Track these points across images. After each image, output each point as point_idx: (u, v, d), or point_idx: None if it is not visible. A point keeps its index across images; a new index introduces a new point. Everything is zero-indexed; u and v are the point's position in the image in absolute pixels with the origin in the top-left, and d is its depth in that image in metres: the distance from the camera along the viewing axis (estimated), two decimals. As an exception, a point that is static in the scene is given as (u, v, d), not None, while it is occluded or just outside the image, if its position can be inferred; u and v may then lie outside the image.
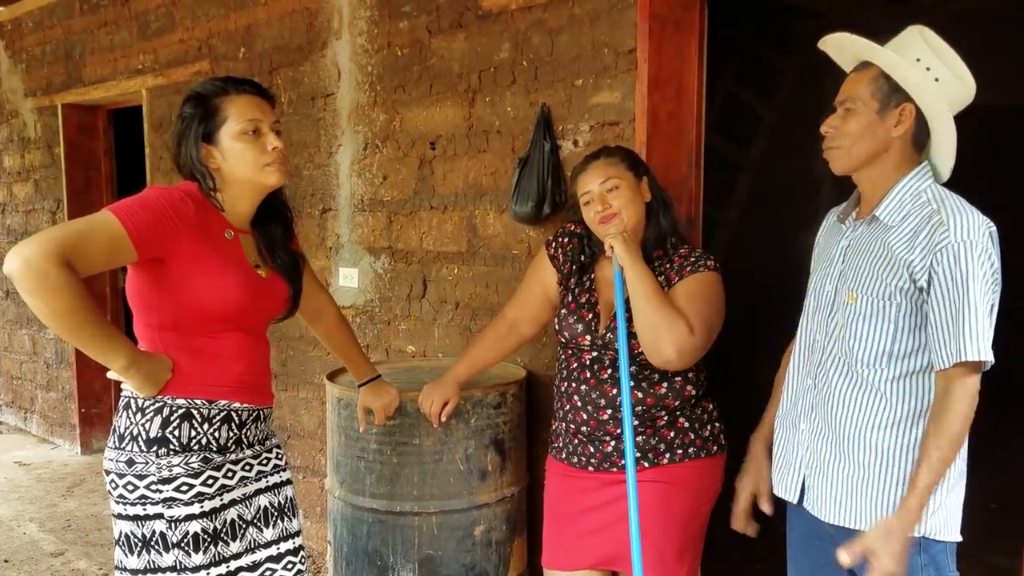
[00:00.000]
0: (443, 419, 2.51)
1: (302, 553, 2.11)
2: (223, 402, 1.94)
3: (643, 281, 2.13)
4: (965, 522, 1.77)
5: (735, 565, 3.45)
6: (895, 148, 1.78)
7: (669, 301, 2.14)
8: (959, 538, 1.77)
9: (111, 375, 1.87)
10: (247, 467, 2.01)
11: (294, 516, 2.12)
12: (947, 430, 1.65)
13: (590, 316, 2.29)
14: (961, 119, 1.80)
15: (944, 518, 1.74)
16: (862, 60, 1.82)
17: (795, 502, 1.93)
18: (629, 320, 2.17)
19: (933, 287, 1.66)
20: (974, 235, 1.64)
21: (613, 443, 2.25)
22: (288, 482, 2.13)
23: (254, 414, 2.02)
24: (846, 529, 1.81)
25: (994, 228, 1.69)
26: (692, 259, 2.25)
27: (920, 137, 1.78)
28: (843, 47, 1.86)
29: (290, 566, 2.07)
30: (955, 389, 1.65)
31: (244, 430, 1.99)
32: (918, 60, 1.75)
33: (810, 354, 1.92)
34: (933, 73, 1.74)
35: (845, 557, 1.71)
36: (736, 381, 3.62)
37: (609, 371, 2.24)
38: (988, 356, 1.62)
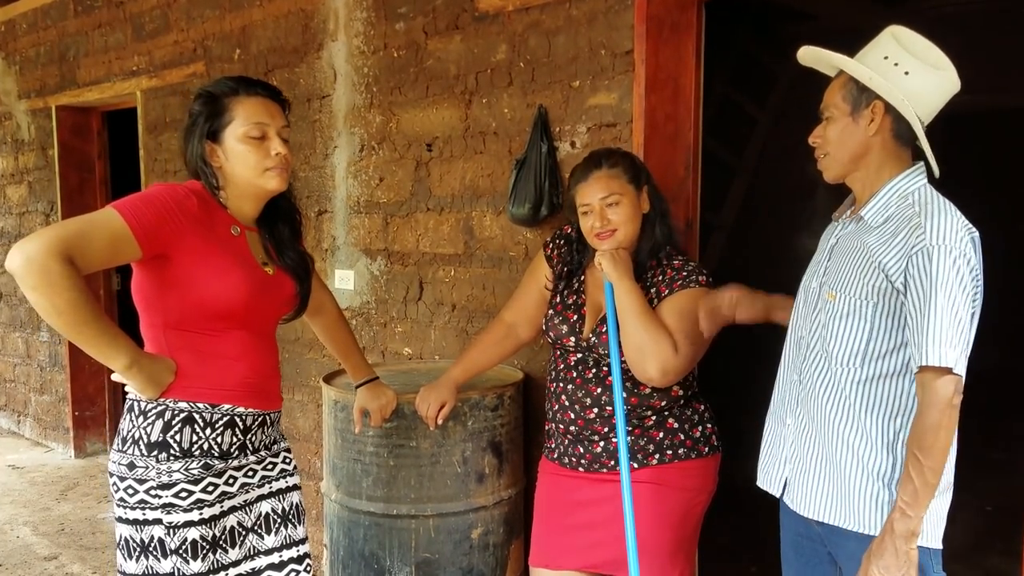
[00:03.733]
0: (439, 422, 2.50)
1: (307, 562, 2.07)
2: (227, 406, 1.91)
3: (631, 299, 2.12)
4: (962, 526, 1.77)
5: (733, 567, 3.45)
6: (876, 147, 1.78)
7: (656, 320, 2.13)
8: (939, 545, 1.76)
9: (115, 377, 1.85)
10: (250, 473, 1.98)
11: (299, 523, 2.08)
12: (919, 441, 1.63)
13: (575, 318, 2.29)
14: (955, 123, 1.80)
15: (927, 525, 1.72)
16: (838, 68, 1.85)
17: (778, 495, 1.95)
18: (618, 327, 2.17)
19: (908, 289, 1.65)
20: (950, 240, 1.62)
21: (602, 443, 2.25)
22: (295, 488, 2.09)
23: (259, 419, 1.99)
24: (835, 528, 1.82)
25: (976, 234, 1.68)
26: (684, 273, 2.23)
27: (901, 131, 1.78)
28: (819, 59, 1.89)
29: (293, 574, 2.03)
30: (925, 397, 1.62)
31: (249, 435, 1.96)
32: (885, 58, 1.76)
33: (797, 350, 1.93)
34: (901, 68, 1.74)
35: None
36: (730, 383, 3.62)
37: (594, 371, 2.24)
38: (950, 362, 1.58)
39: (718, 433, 2.34)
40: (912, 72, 1.74)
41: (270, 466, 2.04)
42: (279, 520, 2.04)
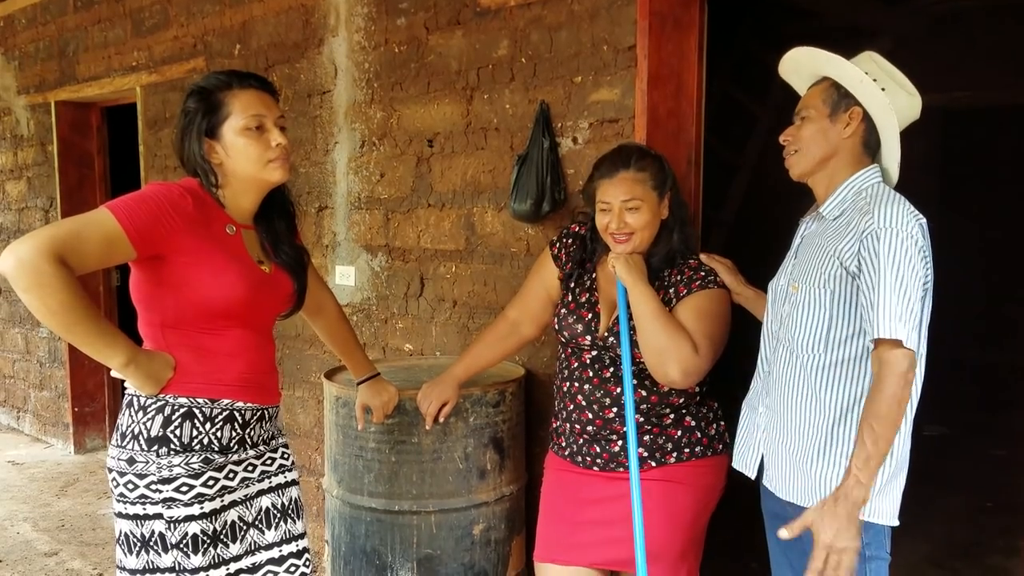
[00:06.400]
0: (440, 420, 2.50)
1: (306, 556, 2.08)
2: (226, 401, 1.91)
3: (646, 302, 2.11)
4: (963, 523, 1.80)
5: (734, 563, 3.45)
6: (845, 150, 1.90)
7: (674, 321, 2.12)
8: (895, 522, 1.86)
9: (115, 374, 1.85)
10: (249, 467, 1.99)
11: (298, 518, 2.09)
12: (875, 410, 1.71)
13: (589, 316, 2.28)
14: (952, 118, 1.85)
15: (882, 503, 1.83)
16: (817, 77, 1.96)
17: (752, 476, 2.06)
18: (634, 327, 2.17)
19: (861, 271, 1.76)
20: (897, 223, 1.73)
21: (620, 442, 2.23)
22: (294, 483, 2.10)
23: (258, 413, 1.99)
24: (803, 509, 1.88)
25: (924, 221, 1.78)
26: (702, 273, 2.23)
27: (870, 141, 1.90)
28: (799, 66, 2.00)
29: (293, 569, 2.04)
30: (881, 368, 1.71)
31: (248, 430, 1.97)
32: (866, 73, 1.87)
33: (767, 342, 2.05)
34: (879, 84, 1.86)
35: (784, 533, 1.79)
36: (732, 380, 3.62)
37: (611, 369, 2.23)
38: (900, 335, 1.68)
39: (728, 430, 2.34)
40: (888, 91, 1.87)
41: (269, 461, 2.05)
42: (279, 515, 2.05)
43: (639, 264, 2.19)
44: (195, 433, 1.87)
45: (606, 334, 2.23)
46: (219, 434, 1.91)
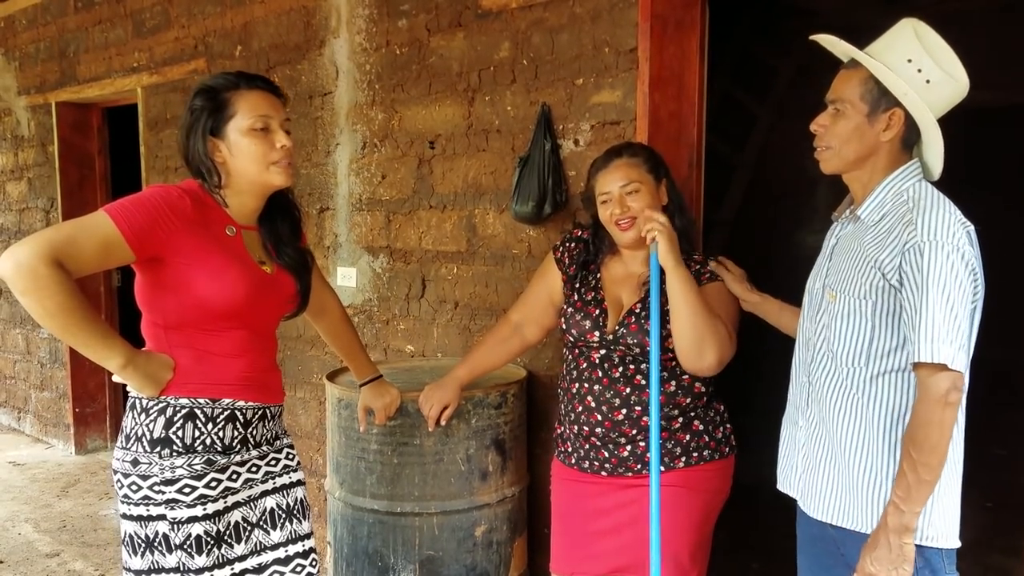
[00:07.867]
0: (443, 422, 2.50)
1: (312, 556, 2.09)
2: (227, 401, 1.92)
3: (688, 286, 2.10)
4: (962, 523, 1.77)
5: (735, 563, 3.46)
6: (884, 151, 1.78)
7: (712, 309, 2.13)
8: (956, 544, 1.74)
9: (116, 377, 1.86)
10: (253, 468, 2.00)
11: (304, 518, 2.10)
12: (911, 436, 1.64)
13: (597, 312, 2.27)
14: (958, 121, 1.81)
15: (938, 525, 1.72)
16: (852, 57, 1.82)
17: (797, 497, 1.95)
18: (645, 318, 2.16)
19: (904, 286, 1.65)
20: (941, 235, 1.62)
21: (629, 447, 2.22)
22: (299, 483, 2.11)
23: (260, 412, 2.00)
24: (847, 531, 1.81)
25: (972, 228, 1.67)
26: (708, 267, 2.27)
27: (909, 138, 1.78)
28: (834, 44, 1.86)
29: (299, 569, 2.06)
30: (921, 393, 1.63)
31: (250, 429, 1.98)
32: (909, 61, 1.73)
33: (805, 351, 1.93)
34: (924, 75, 1.72)
35: None
36: (732, 380, 3.62)
37: (620, 369, 2.22)
38: (943, 358, 1.58)
39: (733, 433, 2.35)
40: (933, 82, 1.72)
41: (273, 461, 2.06)
42: (284, 515, 2.06)
43: (677, 244, 2.15)
44: (197, 434, 1.88)
45: (616, 327, 2.22)
46: (221, 434, 1.91)
